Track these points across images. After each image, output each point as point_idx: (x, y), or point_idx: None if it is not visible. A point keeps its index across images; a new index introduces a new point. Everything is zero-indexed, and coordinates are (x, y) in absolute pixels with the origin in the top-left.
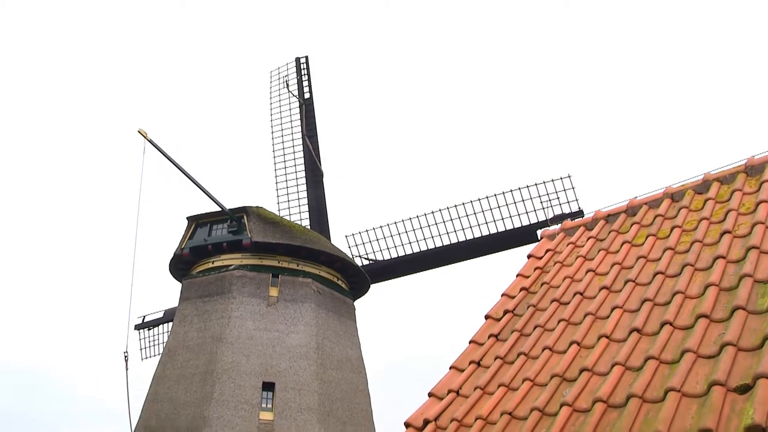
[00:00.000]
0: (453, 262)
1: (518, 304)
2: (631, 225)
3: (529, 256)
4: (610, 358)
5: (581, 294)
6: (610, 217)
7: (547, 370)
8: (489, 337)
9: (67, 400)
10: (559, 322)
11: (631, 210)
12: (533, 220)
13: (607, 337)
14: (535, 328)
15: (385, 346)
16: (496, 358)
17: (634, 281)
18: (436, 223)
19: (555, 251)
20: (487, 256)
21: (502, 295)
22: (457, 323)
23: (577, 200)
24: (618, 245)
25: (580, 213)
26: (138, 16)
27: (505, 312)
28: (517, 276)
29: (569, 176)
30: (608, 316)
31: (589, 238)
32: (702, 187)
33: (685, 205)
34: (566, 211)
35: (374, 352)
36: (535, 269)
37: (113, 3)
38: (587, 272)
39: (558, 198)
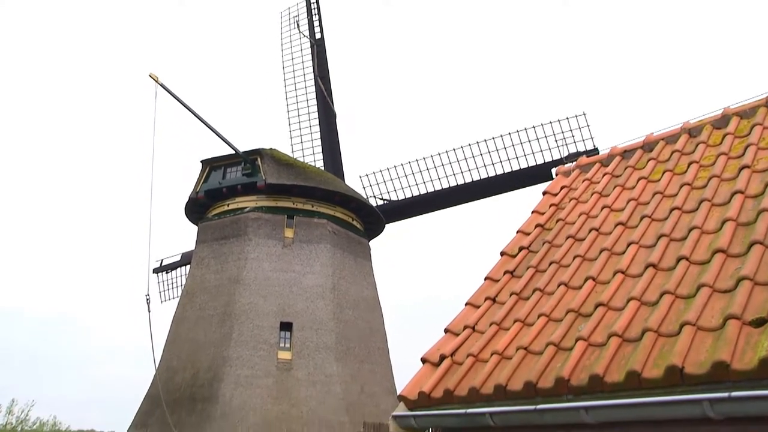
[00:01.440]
0: (467, 201)
1: (533, 241)
2: (648, 161)
3: (544, 193)
4: (626, 293)
5: (597, 230)
6: (626, 153)
7: (563, 305)
8: (504, 273)
9: (89, 343)
10: (574, 258)
11: (647, 146)
12: (547, 159)
13: (622, 272)
14: (550, 264)
15: (400, 285)
16: (511, 295)
17: (650, 217)
18: (450, 163)
19: (570, 188)
20: (502, 194)
21: (517, 232)
22: (472, 261)
23: (591, 138)
24: (634, 181)
25: (595, 151)
26: None
27: (521, 249)
28: (532, 213)
29: (584, 114)
30: (624, 252)
31: (604, 175)
32: (721, 121)
33: (703, 140)
34: (581, 149)
35: (390, 291)
36: (550, 206)
37: None
38: (603, 208)
39: (573, 136)
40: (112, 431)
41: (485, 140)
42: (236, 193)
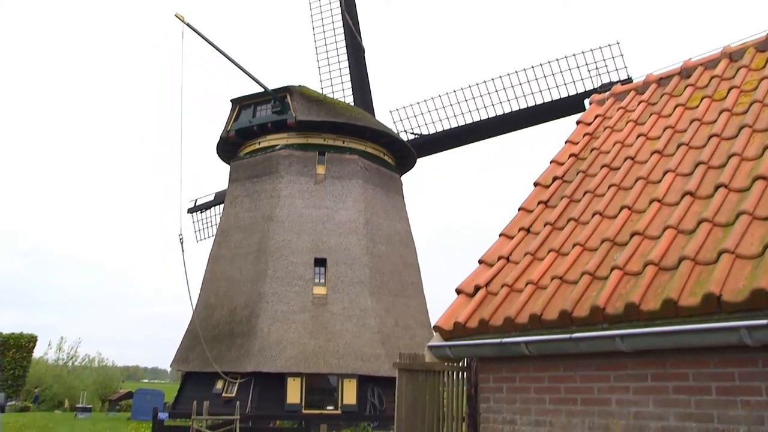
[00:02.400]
0: (500, 134)
1: (567, 171)
2: (685, 87)
3: (578, 123)
4: (662, 222)
5: (632, 159)
6: (662, 81)
7: (598, 234)
8: (538, 203)
9: (132, 283)
10: (609, 187)
11: (685, 72)
12: (580, 90)
13: (659, 201)
14: (584, 193)
15: (433, 219)
16: (545, 225)
17: (687, 144)
18: (481, 95)
19: (605, 117)
20: (534, 126)
21: (550, 162)
22: (504, 193)
23: (625, 67)
24: (671, 108)
25: (629, 81)
26: None
27: (554, 178)
28: (565, 143)
29: (617, 43)
30: (660, 180)
31: (640, 103)
32: (765, 44)
33: (745, 64)
34: (614, 79)
35: (423, 225)
36: (585, 135)
37: None
38: (638, 137)
39: (606, 66)
40: (155, 367)
41: (516, 72)
42: (267, 131)
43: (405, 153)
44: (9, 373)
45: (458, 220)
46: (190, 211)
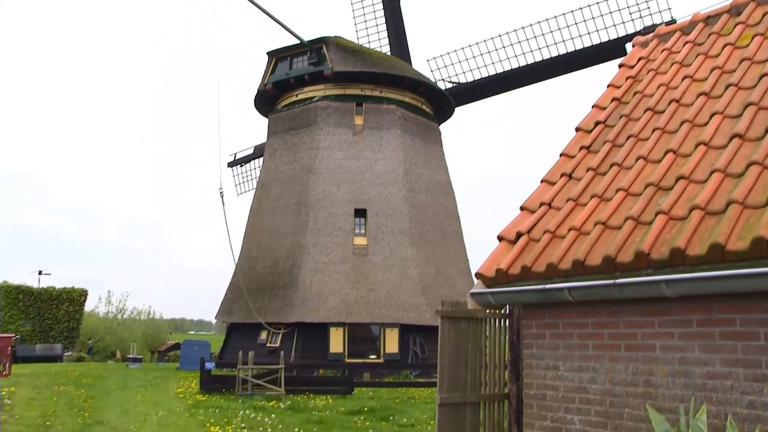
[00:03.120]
0: (539, 81)
1: (610, 115)
2: (735, 25)
3: (620, 66)
4: (709, 166)
5: (677, 101)
6: (709, 19)
7: (642, 179)
8: (580, 149)
9: (177, 237)
10: (653, 131)
11: (735, 9)
12: (621, 34)
13: (705, 144)
14: (628, 138)
15: (473, 168)
16: (588, 170)
17: (736, 85)
18: (519, 42)
19: (648, 59)
20: (575, 72)
21: (592, 107)
22: (545, 140)
23: (669, 9)
24: (719, 48)
25: (672, 23)
26: None
27: (597, 123)
28: (608, 87)
29: None
30: (707, 123)
31: (686, 43)
32: None
33: None
34: (657, 21)
35: (462, 175)
36: (627, 79)
37: None
38: (684, 79)
39: (648, 8)
40: (201, 319)
41: (555, 17)
42: (304, 83)
43: (443, 102)
44: (64, 326)
45: (498, 168)
46: (230, 165)
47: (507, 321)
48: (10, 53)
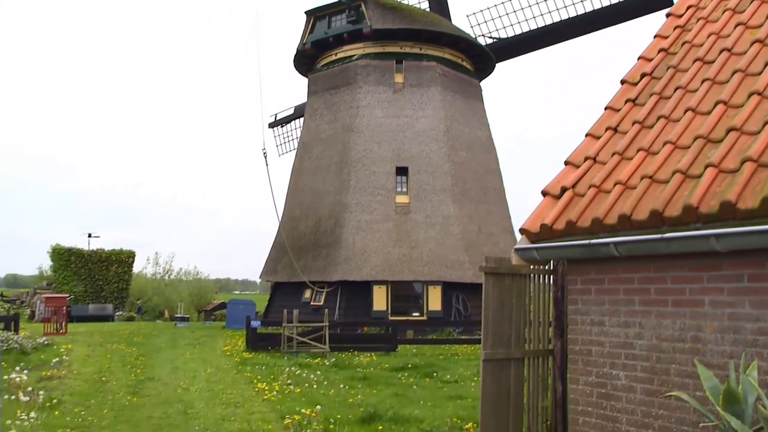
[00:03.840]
0: (582, 34)
1: (657, 67)
2: None
3: (667, 15)
4: (762, 117)
5: (729, 50)
6: None
7: (690, 131)
8: (626, 102)
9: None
10: (702, 82)
11: None
12: None
13: (758, 94)
14: (675, 89)
15: (515, 125)
16: (634, 123)
17: None
18: None
19: (697, 7)
20: (619, 25)
21: (638, 59)
22: (589, 95)
23: None
24: None
25: None
26: None
27: (643, 75)
28: (654, 37)
29: None
30: (761, 73)
31: None
32: None
33: None
34: None
35: (504, 131)
36: (675, 28)
37: None
38: (736, 26)
39: None
40: (246, 279)
41: None
42: (343, 41)
43: (483, 58)
44: (114, 286)
45: (541, 124)
46: (271, 126)
47: (551, 277)
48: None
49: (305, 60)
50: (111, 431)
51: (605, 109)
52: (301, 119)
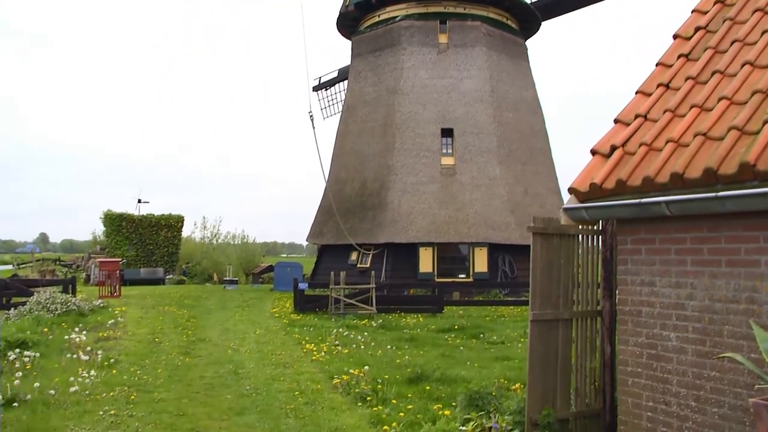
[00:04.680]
0: None
1: (712, 19)
2: None
3: None
4: None
5: None
6: None
7: (747, 87)
8: (678, 57)
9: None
10: (762, 33)
11: None
12: None
13: None
14: (732, 43)
15: (562, 85)
16: (687, 79)
17: None
18: None
19: None
20: None
21: (692, 12)
22: (637, 53)
23: None
24: None
25: None
26: None
27: (697, 29)
28: None
29: None
30: None
31: None
32: None
33: None
34: None
35: (551, 92)
36: None
37: None
38: None
39: None
40: (292, 242)
41: None
42: (386, 2)
43: (528, 16)
44: (164, 251)
45: (588, 84)
46: (316, 89)
47: (600, 237)
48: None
49: (348, 22)
50: (165, 390)
51: (656, 65)
52: (346, 82)
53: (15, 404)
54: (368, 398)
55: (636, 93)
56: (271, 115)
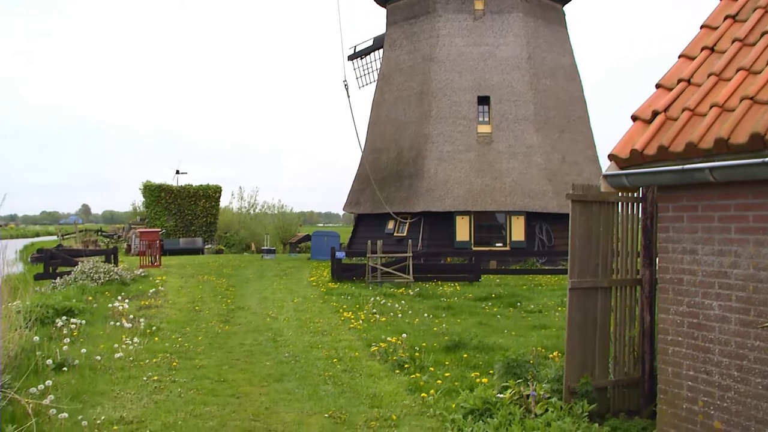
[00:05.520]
0: None
1: None
2: None
3: None
4: None
5: None
6: None
7: None
8: (725, 18)
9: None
10: None
11: None
12: None
13: None
14: None
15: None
16: (733, 41)
17: None
18: None
19: None
20: None
21: None
22: (679, 17)
23: None
24: None
25: None
26: None
27: None
28: None
29: None
30: None
31: None
32: None
33: None
34: None
35: (589, 59)
36: None
37: None
38: None
39: None
40: (329, 211)
41: None
42: None
43: None
44: (202, 221)
45: (627, 51)
46: (351, 58)
47: (640, 205)
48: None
49: None
50: (206, 357)
51: (701, 27)
52: (381, 51)
53: (64, 368)
54: (406, 366)
55: (679, 57)
56: (307, 85)
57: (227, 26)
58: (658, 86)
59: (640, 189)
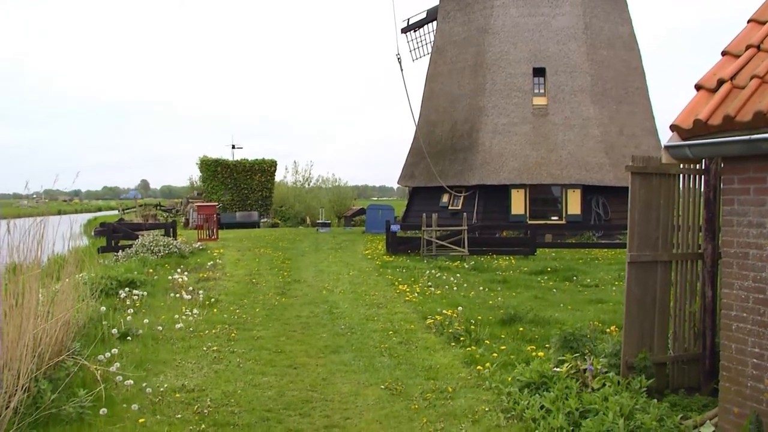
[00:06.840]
0: None
1: None
2: None
3: None
4: None
5: None
6: None
7: None
8: None
9: (356, 107)
10: None
11: None
12: None
13: None
14: None
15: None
16: None
17: None
18: None
19: None
20: None
21: None
22: None
23: None
24: None
25: None
26: None
27: None
28: None
29: None
30: None
31: None
32: None
33: None
34: None
35: (648, 26)
36: None
37: None
38: None
39: None
40: (383, 185)
41: None
42: None
43: None
44: (258, 195)
45: (691, 17)
46: (404, 31)
47: (703, 177)
48: None
49: None
50: (263, 328)
51: None
52: (434, 23)
53: (128, 338)
54: (461, 338)
55: (748, 22)
56: (360, 60)
57: (280, 2)
58: (724, 53)
59: (703, 161)
